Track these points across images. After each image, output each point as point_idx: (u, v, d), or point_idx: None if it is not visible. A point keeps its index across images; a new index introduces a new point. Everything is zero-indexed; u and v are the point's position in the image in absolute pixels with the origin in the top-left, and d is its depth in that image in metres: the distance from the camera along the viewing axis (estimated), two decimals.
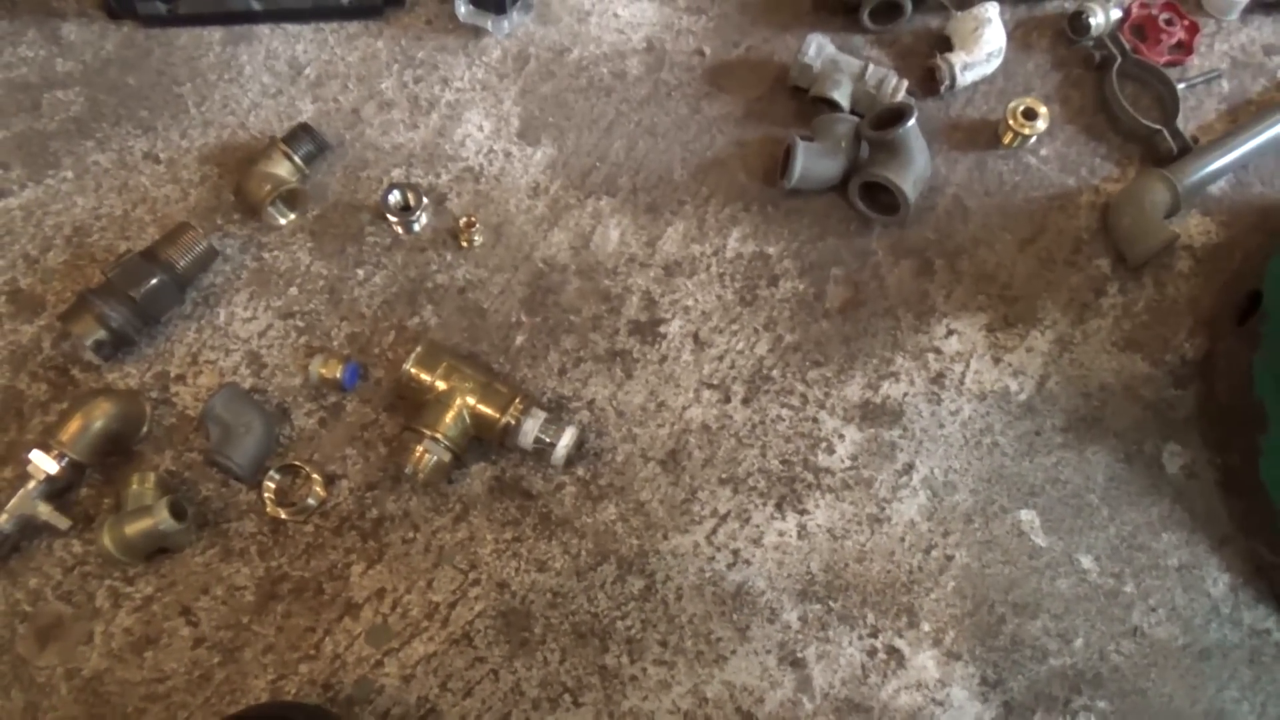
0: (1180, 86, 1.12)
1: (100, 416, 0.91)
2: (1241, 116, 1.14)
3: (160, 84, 1.10)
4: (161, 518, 0.87)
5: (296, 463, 0.94)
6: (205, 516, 0.93)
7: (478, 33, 1.14)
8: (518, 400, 0.93)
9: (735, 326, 1.02)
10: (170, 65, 1.11)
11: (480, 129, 1.10)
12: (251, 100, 1.10)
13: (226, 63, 1.12)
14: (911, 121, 1.00)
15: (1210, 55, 1.17)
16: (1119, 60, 1.12)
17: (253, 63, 1.12)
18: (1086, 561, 0.95)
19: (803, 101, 1.11)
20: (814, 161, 1.04)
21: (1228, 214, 1.09)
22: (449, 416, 0.92)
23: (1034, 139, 1.10)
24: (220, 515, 0.93)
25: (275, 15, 1.13)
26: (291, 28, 1.14)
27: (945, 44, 1.13)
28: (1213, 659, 0.93)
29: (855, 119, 1.05)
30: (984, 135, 1.12)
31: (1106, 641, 0.93)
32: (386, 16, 1.14)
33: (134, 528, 0.87)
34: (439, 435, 0.91)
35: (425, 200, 1.03)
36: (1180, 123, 1.10)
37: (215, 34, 1.13)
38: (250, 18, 1.13)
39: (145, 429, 0.95)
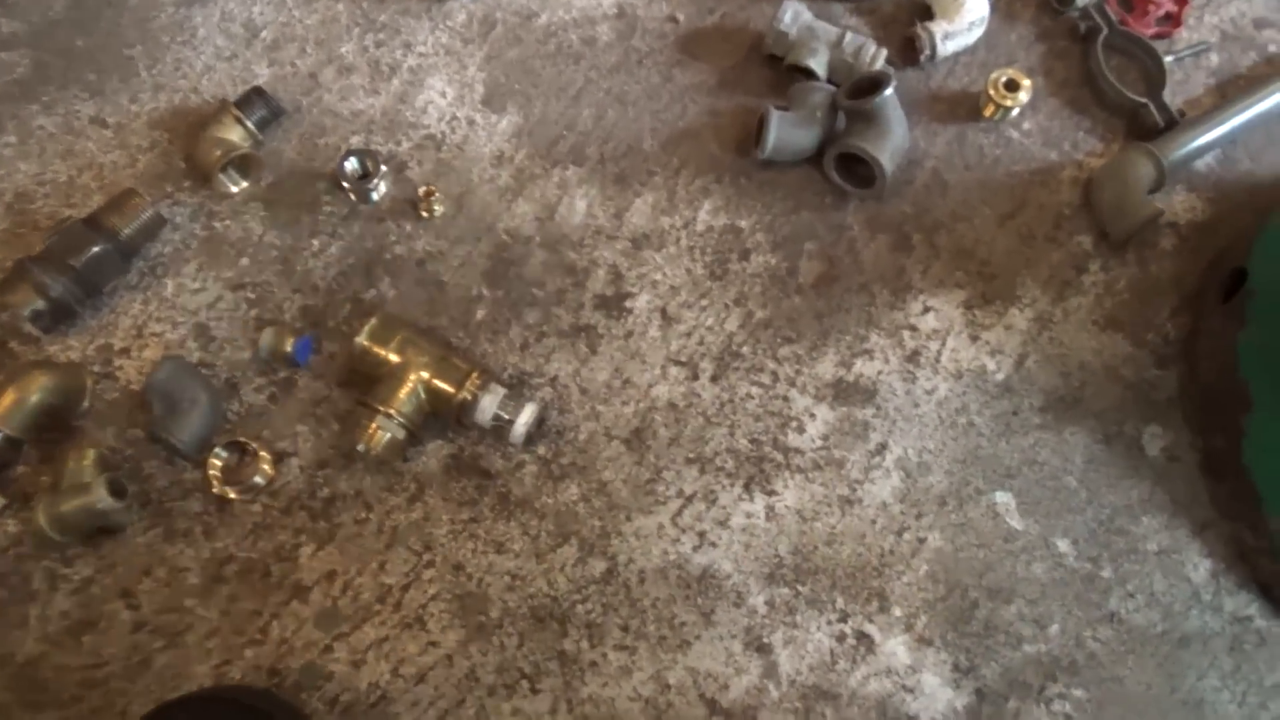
0: (1167, 60, 1.09)
1: (37, 390, 0.87)
2: (1230, 91, 1.11)
3: (109, 46, 1.06)
4: (99, 495, 0.83)
5: (244, 440, 0.91)
6: (148, 495, 0.89)
7: None
8: (475, 375, 0.90)
9: (704, 302, 0.99)
10: (120, 27, 1.07)
11: (443, 95, 1.06)
12: (205, 63, 1.06)
13: (179, 24, 1.07)
14: (889, 91, 0.96)
15: (1199, 28, 1.14)
16: (1105, 32, 1.09)
17: (207, 25, 1.08)
18: (1063, 545, 0.92)
19: (778, 70, 1.07)
20: (788, 132, 1.00)
21: (1214, 190, 1.06)
22: (403, 392, 0.88)
23: (1016, 111, 1.06)
24: (164, 494, 0.89)
25: None
26: None
27: (926, 12, 1.09)
28: (1192, 646, 0.90)
29: (832, 88, 1.02)
30: (965, 107, 1.08)
31: (1083, 628, 0.90)
32: None
33: (71, 506, 0.83)
34: (393, 411, 0.87)
35: (384, 168, 0.99)
36: (1167, 96, 1.07)
37: None
38: None
39: (86, 404, 0.91)
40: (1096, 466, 0.95)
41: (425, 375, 0.89)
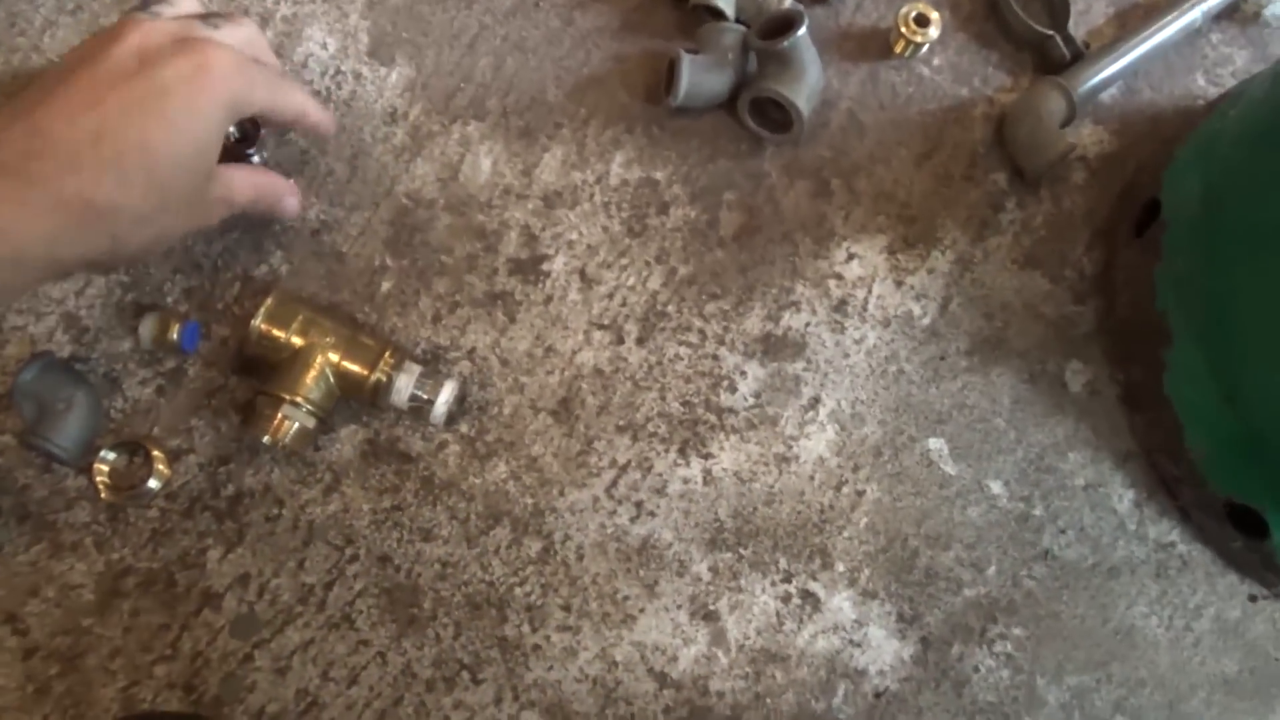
0: None
1: None
2: (1130, 19, 1.11)
3: None
4: None
5: (133, 439, 0.82)
6: (26, 508, 0.80)
7: None
8: (388, 354, 0.83)
9: (624, 260, 0.94)
10: None
11: (324, 47, 0.97)
12: (45, 18, 0.94)
13: None
14: (803, 30, 0.92)
15: None
16: None
17: None
18: (996, 487, 0.93)
19: (684, 11, 1.02)
20: (700, 77, 0.95)
21: (1118, 122, 1.07)
22: (310, 377, 0.81)
23: (926, 47, 1.04)
24: (45, 505, 0.81)
25: None
26: None
27: None
28: (1121, 576, 0.92)
29: (741, 29, 0.97)
30: (875, 44, 1.05)
31: (1019, 567, 0.91)
32: None
33: None
34: (300, 399, 0.80)
35: (264, 132, 0.90)
36: (1071, 28, 1.06)
37: None
38: None
39: None
40: (1023, 406, 0.95)
41: (333, 357, 0.82)
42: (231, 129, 0.88)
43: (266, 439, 0.80)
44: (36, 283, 0.71)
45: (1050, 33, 1.05)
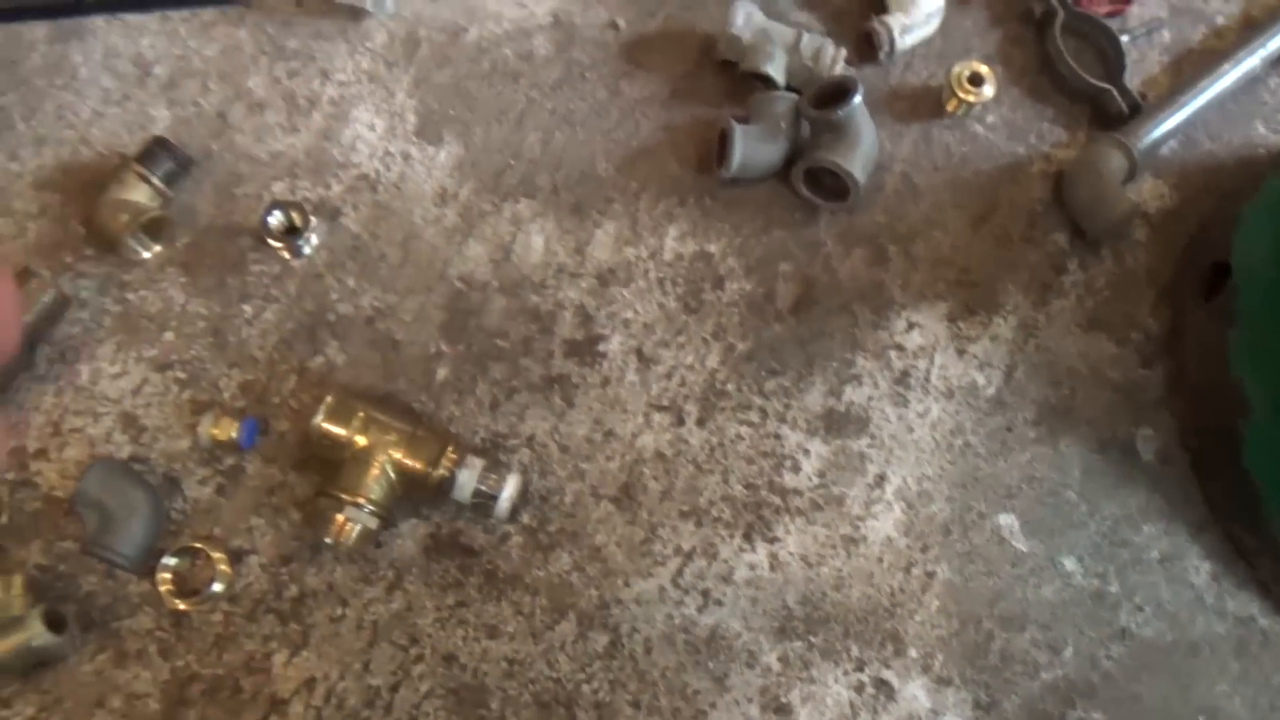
0: (1123, 39, 1.05)
1: None
2: (1185, 67, 1.08)
3: None
4: (35, 632, 0.73)
5: (195, 543, 0.81)
6: (90, 616, 0.79)
7: (356, 14, 0.99)
8: (449, 449, 0.82)
9: (682, 338, 0.92)
10: None
11: (372, 128, 0.95)
12: (92, 109, 0.93)
13: (56, 65, 0.94)
14: (858, 98, 0.90)
15: (1148, 2, 1.11)
16: (1060, 14, 1.05)
17: (89, 63, 0.95)
18: (1069, 563, 0.90)
19: (733, 76, 1.00)
20: (754, 147, 0.94)
21: (1178, 175, 1.04)
22: (371, 476, 0.80)
23: (980, 106, 1.02)
24: (109, 613, 0.80)
25: (110, 4, 0.95)
26: (132, 19, 0.96)
27: (879, 5, 1.03)
28: (1201, 654, 0.89)
29: (794, 96, 0.95)
30: (927, 103, 1.03)
31: (1096, 647, 0.88)
32: (247, 0, 0.98)
33: (3, 647, 0.73)
34: (361, 499, 0.79)
35: (313, 219, 0.89)
36: (1126, 79, 1.04)
37: (38, 30, 0.95)
38: (80, 8, 0.95)
39: (4, 519, 0.80)
40: (1094, 477, 0.93)
41: (395, 455, 0.80)
42: (278, 217, 0.88)
43: (329, 540, 0.79)
44: None
45: (1106, 86, 1.03)
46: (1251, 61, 1.05)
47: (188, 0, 0.96)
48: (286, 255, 0.89)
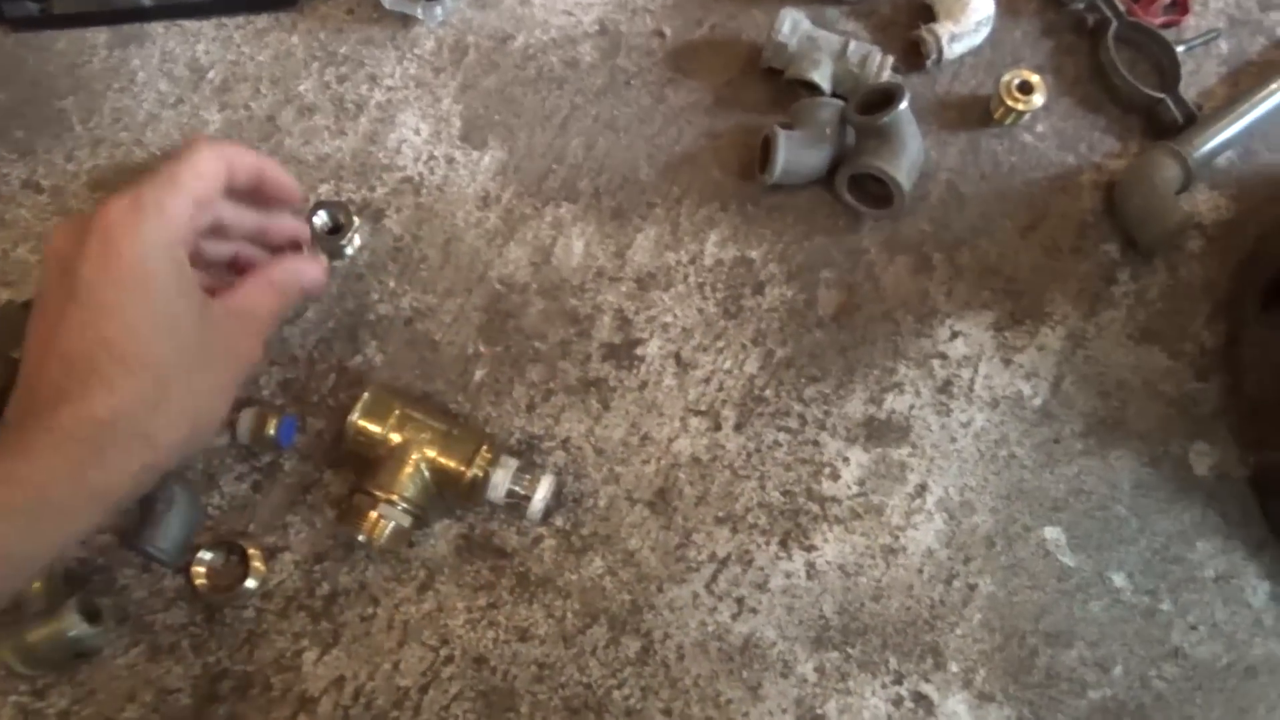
0: (1179, 50, 1.03)
1: None
2: (1243, 79, 1.06)
3: (37, 97, 0.95)
4: (71, 622, 0.74)
5: (230, 539, 0.81)
6: (124, 610, 0.80)
7: (407, 21, 1.00)
8: (484, 448, 0.81)
9: (720, 343, 0.91)
10: (48, 75, 0.96)
11: (417, 132, 0.96)
12: (148, 112, 0.95)
13: (115, 69, 0.97)
14: (904, 104, 0.89)
15: (1206, 14, 1.09)
16: (1114, 24, 1.03)
17: (146, 68, 0.97)
18: (1119, 580, 0.87)
19: (778, 84, 1.00)
20: (797, 153, 0.93)
21: (1236, 186, 1.01)
22: (406, 474, 0.80)
23: (1029, 115, 1.00)
24: (143, 606, 0.80)
25: (169, 11, 0.98)
26: (189, 25, 0.99)
27: (927, 13, 1.02)
28: (1259, 676, 0.85)
29: (839, 103, 0.94)
30: (974, 112, 1.02)
31: (1147, 667, 0.85)
32: (300, 7, 1.00)
33: (39, 635, 0.74)
34: (395, 497, 0.79)
35: (357, 220, 0.90)
36: (1181, 89, 1.02)
37: (99, 36, 0.98)
38: (140, 15, 0.98)
39: None
40: (1145, 491, 0.90)
41: (430, 453, 0.80)
42: (323, 217, 0.89)
43: (362, 537, 0.79)
44: (84, 532, 0.67)
45: (1160, 95, 1.01)
46: None
47: (243, 6, 0.98)
48: (329, 256, 0.90)
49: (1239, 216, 1.00)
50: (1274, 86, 1.01)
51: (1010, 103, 0.98)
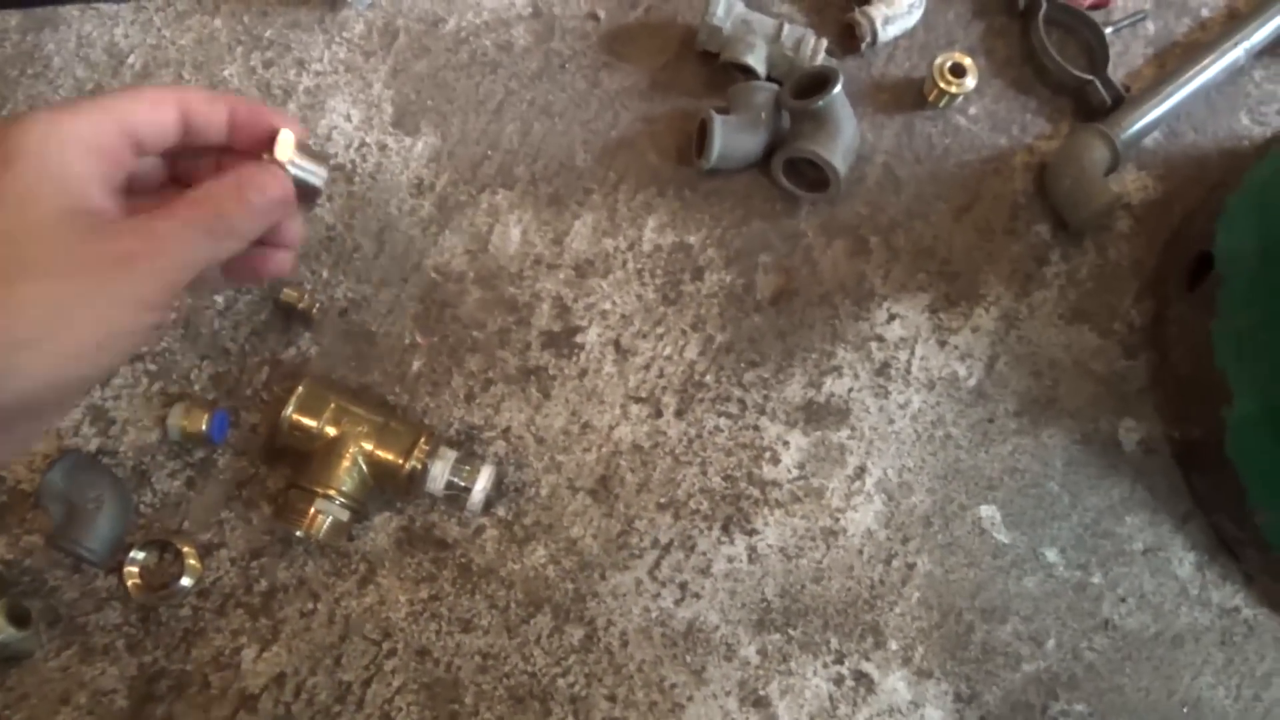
0: (1107, 31, 1.05)
1: None
2: (1169, 60, 1.08)
3: None
4: None
5: (163, 537, 0.80)
6: (56, 611, 0.78)
7: (334, 4, 0.98)
8: (422, 440, 0.80)
9: (660, 329, 0.91)
10: None
11: (348, 119, 0.95)
12: (65, 98, 0.92)
13: (29, 54, 0.93)
14: (838, 88, 0.89)
15: None
16: (1044, 6, 1.04)
17: (62, 53, 0.94)
18: (1052, 555, 0.89)
19: (713, 67, 0.99)
20: (733, 138, 0.93)
21: (1163, 167, 1.03)
22: (343, 468, 0.79)
23: (962, 97, 1.01)
24: (75, 607, 0.78)
25: None
26: (106, 7, 0.95)
27: None
28: (1185, 645, 0.88)
29: (774, 87, 0.94)
30: (909, 95, 1.02)
31: (1079, 639, 0.87)
32: None
33: None
34: (333, 492, 0.78)
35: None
36: (1110, 70, 1.03)
37: (10, 19, 0.94)
38: None
39: None
40: (1076, 468, 0.92)
41: (367, 446, 0.79)
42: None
43: (299, 533, 0.78)
44: None
45: (1090, 77, 1.02)
46: (1235, 53, 1.04)
47: None
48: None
49: (1165, 197, 1.02)
50: (1197, 67, 1.03)
51: (943, 85, 0.99)
